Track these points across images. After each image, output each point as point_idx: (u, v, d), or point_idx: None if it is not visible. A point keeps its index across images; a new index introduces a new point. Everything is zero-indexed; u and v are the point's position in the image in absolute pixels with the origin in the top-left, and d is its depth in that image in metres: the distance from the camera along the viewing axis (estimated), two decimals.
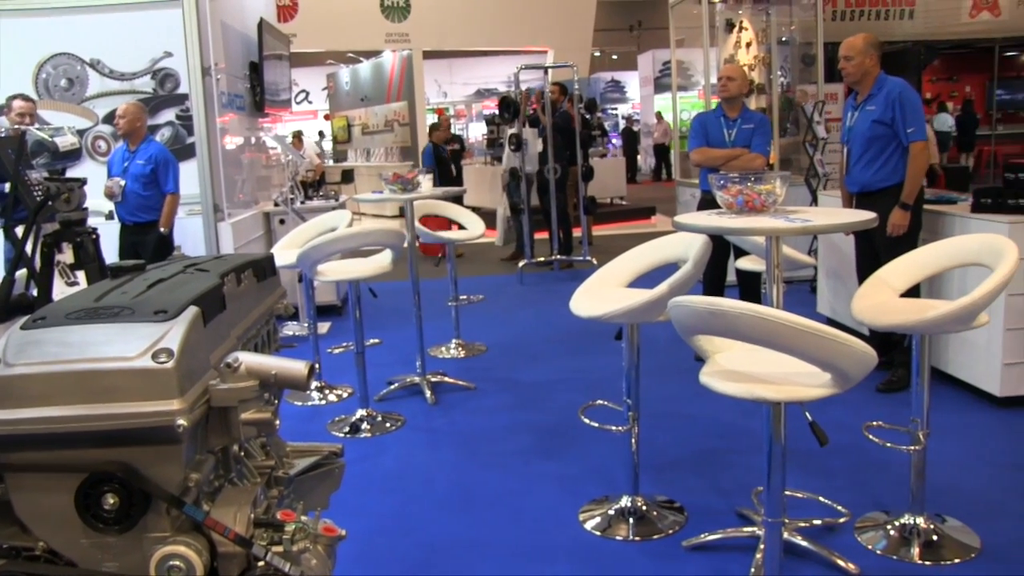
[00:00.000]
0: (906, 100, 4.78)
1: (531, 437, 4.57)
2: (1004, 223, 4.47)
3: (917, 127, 4.75)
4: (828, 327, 2.26)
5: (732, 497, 3.70)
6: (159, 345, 1.47)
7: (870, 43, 4.91)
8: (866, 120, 4.89)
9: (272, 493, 1.91)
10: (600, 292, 3.44)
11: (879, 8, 12.94)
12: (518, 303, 8.16)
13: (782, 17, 9.70)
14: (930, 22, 13.10)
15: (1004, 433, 4.39)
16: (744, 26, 9.94)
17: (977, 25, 13.24)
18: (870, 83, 4.92)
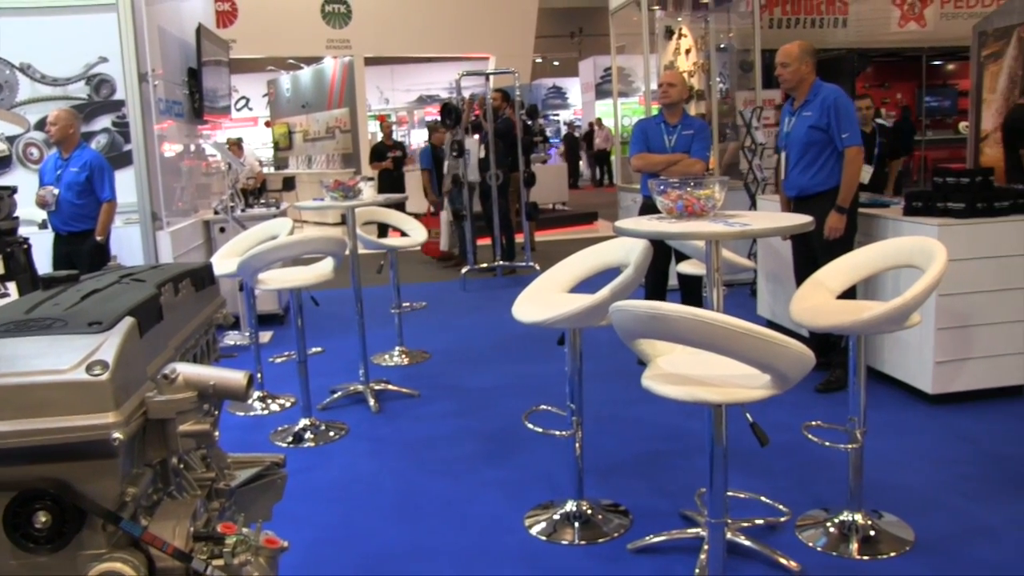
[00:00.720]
0: (841, 106, 4.86)
1: (476, 443, 4.57)
2: (934, 226, 4.59)
3: (851, 133, 4.83)
4: (767, 329, 2.29)
5: (676, 499, 3.73)
6: (93, 357, 1.44)
7: (806, 50, 4.98)
8: (803, 126, 4.96)
9: (213, 506, 1.87)
10: (542, 297, 3.45)
11: (814, 16, 13.22)
12: (461, 309, 8.15)
13: (720, 24, 9.84)
14: (862, 31, 13.43)
15: (936, 429, 4.50)
16: (683, 33, 10.07)
17: (905, 35, 13.61)
18: (806, 89, 4.99)
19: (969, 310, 4.69)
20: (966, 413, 4.68)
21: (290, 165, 20.37)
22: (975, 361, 4.76)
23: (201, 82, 7.73)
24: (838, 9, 13.33)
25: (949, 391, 4.77)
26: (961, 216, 4.64)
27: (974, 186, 4.74)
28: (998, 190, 4.89)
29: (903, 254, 3.43)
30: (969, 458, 4.13)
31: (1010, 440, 4.33)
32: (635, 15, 8.75)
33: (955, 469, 4.00)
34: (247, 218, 7.19)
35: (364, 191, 5.33)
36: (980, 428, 4.48)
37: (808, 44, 5.07)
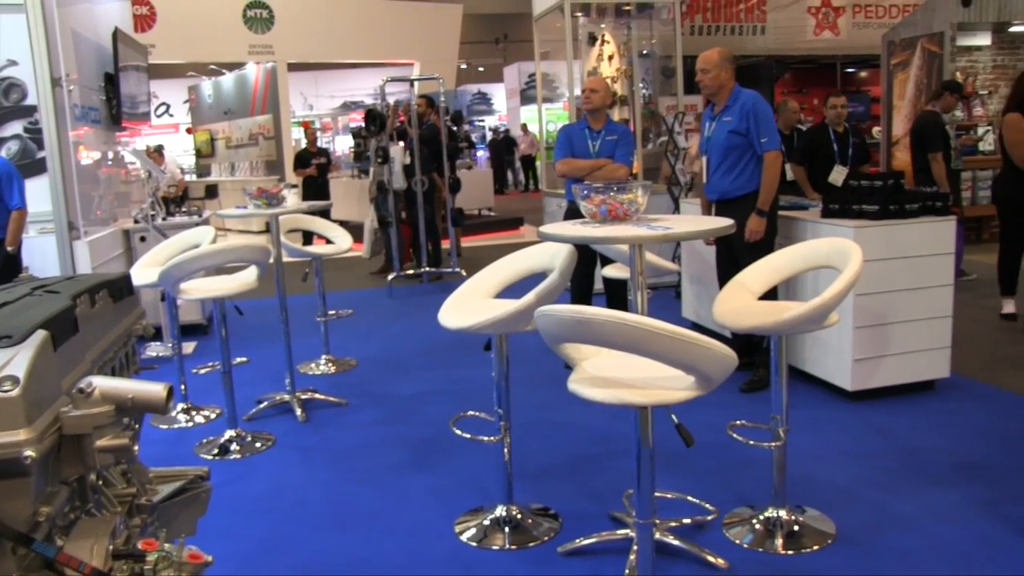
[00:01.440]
0: (759, 112, 4.97)
1: (404, 451, 4.54)
2: (850, 227, 4.72)
3: (770, 137, 4.95)
4: (690, 331, 2.33)
5: (605, 501, 3.77)
6: (3, 372, 1.39)
7: (725, 57, 5.07)
8: (723, 131, 5.06)
9: (134, 522, 1.83)
10: (468, 303, 3.45)
11: (734, 24, 13.51)
12: (388, 316, 8.10)
13: (643, 31, 9.98)
14: (779, 38, 13.78)
15: (856, 425, 4.62)
16: (606, 39, 10.18)
17: (820, 43, 14.01)
18: (726, 95, 5.09)
19: (884, 309, 4.83)
20: (883, 408, 4.82)
21: (213, 172, 20.00)
22: (891, 358, 4.91)
23: (119, 87, 7.54)
24: (757, 17, 13.65)
25: (867, 388, 4.91)
26: (875, 218, 4.79)
27: (887, 189, 4.89)
28: (909, 193, 5.05)
29: (821, 255, 3.52)
30: (886, 452, 4.26)
31: (923, 433, 4.47)
32: (559, 21, 8.81)
33: (873, 463, 4.12)
34: (168, 227, 7.04)
35: (288, 199, 5.27)
36: (896, 422, 4.62)
37: (728, 51, 5.15)
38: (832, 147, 7.09)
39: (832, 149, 7.08)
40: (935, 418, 4.70)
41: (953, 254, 5.03)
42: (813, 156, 7.14)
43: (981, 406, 4.90)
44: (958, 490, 3.77)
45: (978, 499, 3.67)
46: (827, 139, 7.12)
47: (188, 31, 14.91)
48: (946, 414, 4.76)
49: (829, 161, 7.05)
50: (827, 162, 7.05)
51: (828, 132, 7.13)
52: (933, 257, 4.90)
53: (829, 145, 7.08)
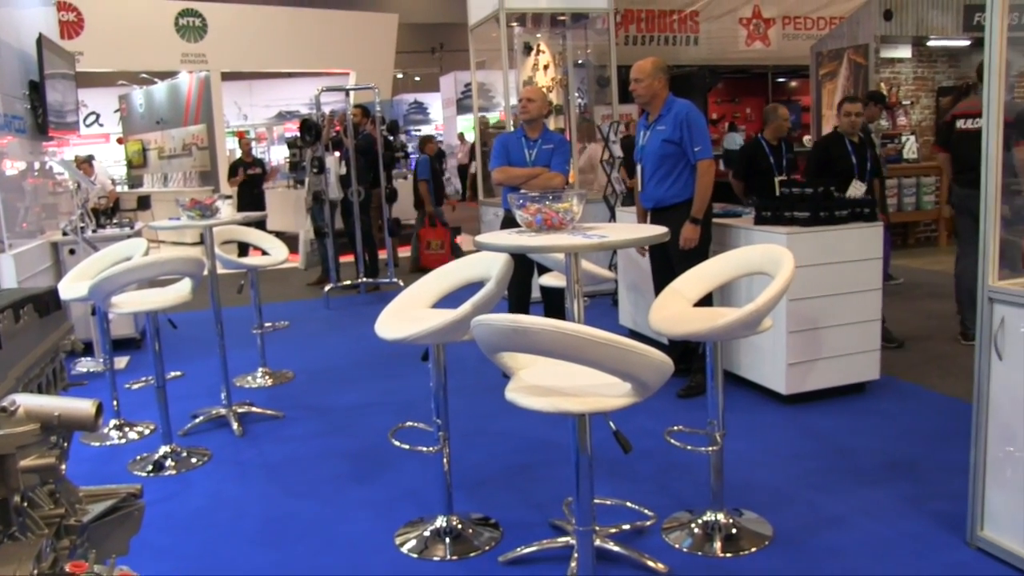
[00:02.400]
0: (693, 121, 5.02)
1: (343, 463, 4.50)
2: (782, 234, 4.81)
3: (703, 146, 5.01)
4: (626, 339, 2.35)
5: (545, 509, 3.77)
6: None
7: (659, 67, 5.11)
8: (657, 139, 5.10)
9: (62, 544, 1.78)
10: (405, 314, 3.44)
11: (667, 34, 13.71)
12: (325, 328, 8.03)
13: (578, 41, 10.06)
14: (712, 49, 14.03)
15: (790, 428, 4.70)
16: (542, 49, 10.25)
17: (752, 53, 14.30)
18: (660, 104, 5.13)
19: (816, 313, 4.93)
20: (816, 411, 4.92)
21: (145, 183, 19.60)
22: (823, 361, 5.01)
23: (44, 96, 7.36)
24: (690, 28, 13.87)
25: (801, 391, 5.00)
26: (806, 225, 4.88)
27: (817, 196, 5.00)
28: (839, 200, 5.17)
29: (754, 262, 3.58)
30: (819, 453, 4.34)
31: (855, 434, 4.57)
32: (494, 31, 8.84)
33: (807, 464, 4.20)
34: (99, 239, 6.88)
35: (222, 210, 5.19)
36: (829, 424, 4.72)
37: (661, 60, 5.19)
38: (850, 159, 6.39)
39: (850, 162, 6.37)
40: (866, 419, 4.80)
41: (881, 259, 5.16)
42: (828, 169, 6.35)
43: (909, 406, 5.02)
44: (888, 488, 3.87)
45: (906, 496, 3.77)
46: (843, 150, 6.45)
47: (118, 39, 14.60)
48: (876, 415, 4.87)
49: (847, 175, 6.23)
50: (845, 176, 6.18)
51: (844, 143, 6.46)
52: (862, 262, 5.01)
53: (847, 157, 6.39)
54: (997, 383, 3.14)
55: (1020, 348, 3.04)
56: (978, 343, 3.17)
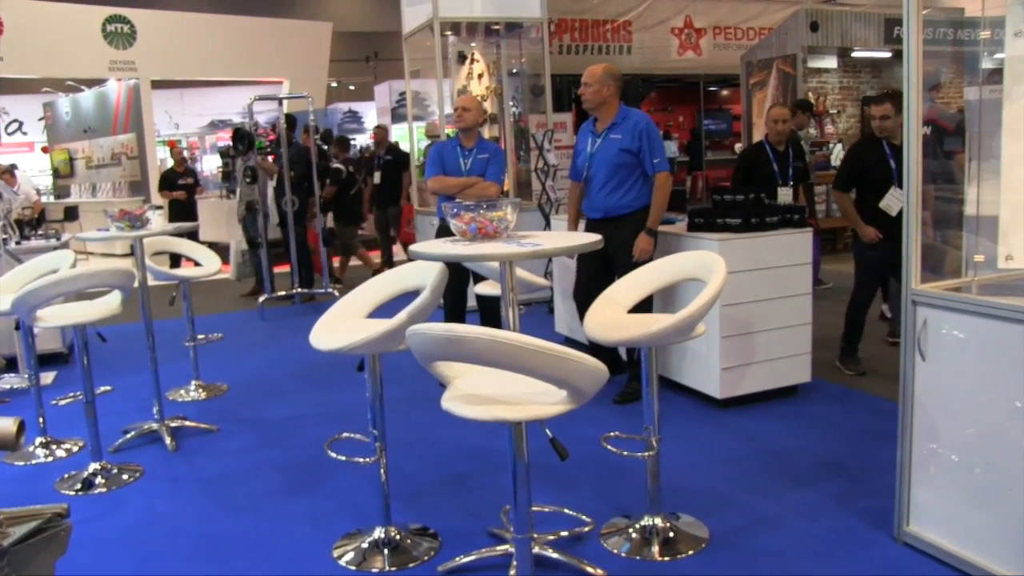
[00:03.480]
0: (652, 133, 5.01)
1: (279, 476, 4.44)
2: (715, 240, 4.88)
3: (661, 158, 5.01)
4: (560, 346, 2.36)
5: (483, 518, 3.77)
6: None
7: (610, 73, 5.06)
8: (612, 148, 5.03)
9: None
10: (340, 324, 3.41)
11: (601, 43, 13.83)
12: (259, 339, 7.92)
13: (512, 50, 10.10)
14: (645, 58, 14.19)
15: (725, 431, 4.77)
16: (476, 58, 10.27)
17: (684, 62, 14.51)
18: (609, 111, 5.08)
19: (749, 318, 5.01)
20: (750, 414, 5.00)
21: (72, 194, 19.13)
22: (756, 365, 5.09)
23: None
24: (623, 37, 14.01)
25: (735, 395, 5.07)
26: (738, 231, 4.96)
27: (748, 203, 5.08)
28: (769, 207, 5.26)
29: (687, 268, 3.63)
30: (754, 456, 4.41)
31: (788, 436, 4.66)
32: (428, 40, 8.84)
33: (742, 467, 4.26)
34: (23, 251, 6.70)
35: (153, 220, 5.09)
36: (762, 427, 4.80)
37: (613, 68, 5.14)
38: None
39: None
40: (798, 421, 4.90)
41: (811, 264, 5.26)
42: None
43: (840, 408, 5.13)
44: (820, 488, 3.95)
45: (838, 495, 3.85)
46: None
47: (41, 44, 14.22)
48: (808, 417, 4.97)
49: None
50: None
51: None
52: (792, 267, 5.11)
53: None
54: (921, 383, 3.22)
55: (942, 349, 3.13)
56: (903, 345, 3.26)
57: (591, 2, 13.77)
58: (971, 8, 3.23)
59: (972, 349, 3.01)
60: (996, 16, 2.89)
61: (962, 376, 3.06)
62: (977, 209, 3.23)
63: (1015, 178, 2.89)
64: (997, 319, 2.90)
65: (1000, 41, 2.86)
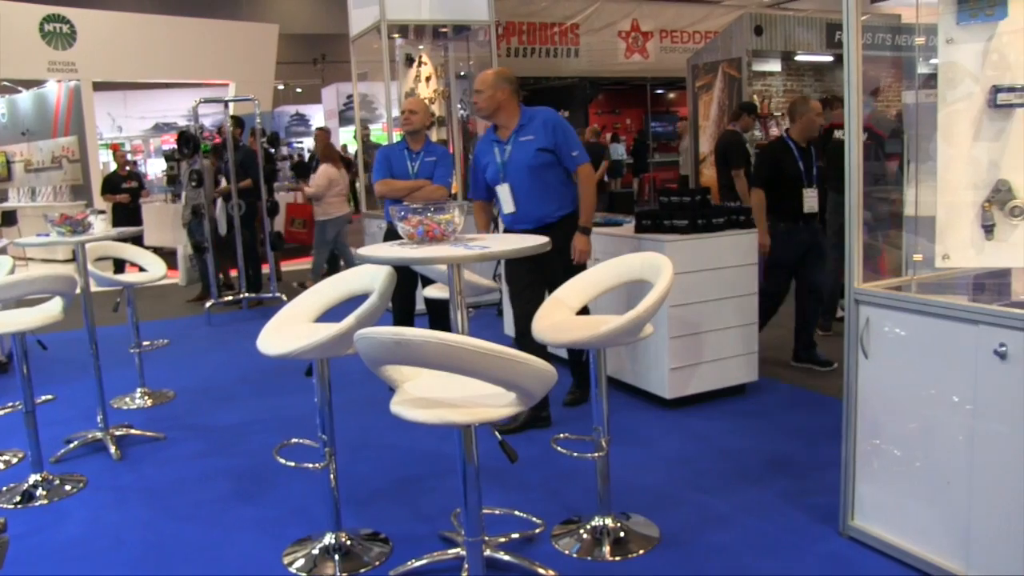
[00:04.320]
0: (564, 126, 4.80)
1: (227, 483, 4.39)
2: (662, 242, 4.92)
3: (580, 151, 4.80)
4: (508, 349, 2.37)
5: (434, 522, 3.76)
6: None
7: (502, 76, 4.80)
8: (527, 151, 4.75)
9: None
10: (288, 329, 3.38)
11: (549, 47, 13.90)
12: (207, 345, 7.82)
13: (460, 52, 10.09)
14: (593, 61, 14.31)
15: (674, 431, 4.82)
16: (424, 61, 10.24)
17: (631, 65, 14.65)
18: (510, 116, 4.79)
19: (697, 318, 5.07)
20: (699, 413, 5.05)
21: (10, 198, 18.67)
22: (705, 365, 5.15)
23: None
24: (571, 40, 14.10)
25: (684, 395, 5.12)
26: (685, 232, 5.01)
27: (695, 205, 5.14)
28: (715, 208, 5.32)
29: (635, 270, 3.65)
30: (703, 455, 4.46)
31: (736, 435, 4.72)
32: (376, 42, 8.79)
33: (691, 466, 4.31)
34: None
35: (95, 225, 5.00)
36: (711, 426, 4.85)
37: (506, 71, 4.93)
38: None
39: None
40: (746, 420, 4.96)
41: (757, 264, 5.34)
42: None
43: (786, 405, 5.21)
44: (768, 486, 4.00)
45: (785, 492, 3.91)
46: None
47: None
48: (756, 416, 5.04)
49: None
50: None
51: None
52: (739, 268, 5.18)
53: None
54: (864, 380, 3.29)
55: (884, 347, 3.19)
56: (846, 343, 3.32)
57: (539, 5, 13.84)
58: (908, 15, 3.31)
59: (913, 346, 3.08)
60: (930, 23, 2.96)
61: (903, 373, 3.13)
62: (916, 210, 3.30)
63: (951, 180, 2.95)
64: (935, 317, 2.96)
65: (935, 47, 2.92)
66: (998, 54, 2.80)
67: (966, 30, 2.83)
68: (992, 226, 2.84)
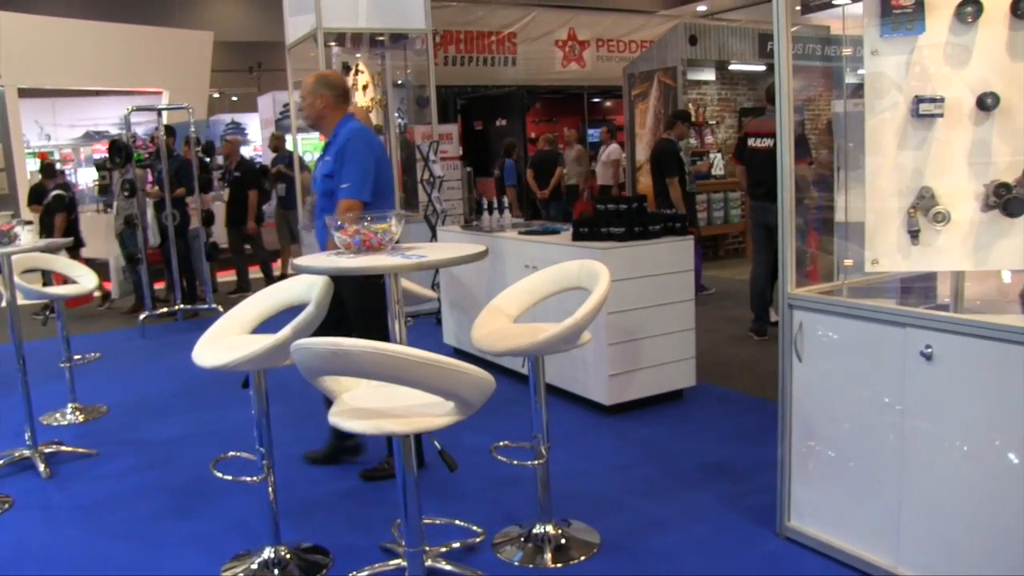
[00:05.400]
0: (348, 151, 4.13)
1: (163, 499, 4.30)
2: (599, 249, 4.96)
3: (352, 183, 4.10)
4: (446, 358, 2.36)
5: (375, 533, 3.74)
6: None
7: (323, 82, 4.25)
8: (319, 172, 4.32)
9: None
10: (224, 340, 3.34)
11: (486, 55, 13.94)
12: (141, 358, 7.65)
13: (397, 61, 10.07)
14: (530, 70, 14.39)
15: (614, 437, 4.85)
16: (361, 69, 10.19)
17: (568, 74, 14.76)
18: (328, 128, 4.31)
19: (634, 325, 5.11)
20: (638, 419, 5.10)
21: None
22: (643, 371, 5.19)
23: None
24: (508, 49, 14.16)
25: (622, 401, 5.16)
26: (622, 240, 5.06)
27: (631, 212, 5.19)
28: (652, 215, 5.39)
29: (572, 277, 3.68)
30: (642, 460, 4.50)
31: (674, 440, 4.77)
32: (312, 51, 8.72)
33: (630, 472, 4.34)
34: None
35: (22, 236, 4.87)
36: (649, 432, 4.90)
37: (330, 75, 4.46)
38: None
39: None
40: (684, 424, 5.02)
41: (693, 271, 5.41)
42: None
43: (723, 410, 5.29)
44: (706, 489, 4.05)
45: (723, 495, 3.96)
46: None
47: None
48: (694, 420, 5.10)
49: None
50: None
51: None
52: (675, 274, 5.24)
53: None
54: (798, 383, 3.35)
55: (817, 350, 3.26)
56: (780, 346, 3.38)
57: (476, 14, 13.88)
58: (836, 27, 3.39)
59: (844, 349, 3.15)
60: (857, 35, 3.04)
61: (836, 375, 3.20)
62: (846, 216, 3.37)
63: (879, 187, 3.03)
64: (865, 320, 3.04)
65: (862, 58, 3.00)
66: (920, 66, 2.88)
67: (889, 43, 2.91)
68: (917, 231, 2.91)
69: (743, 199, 11.74)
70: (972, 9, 2.75)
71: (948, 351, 2.77)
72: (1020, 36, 2.75)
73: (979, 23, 2.78)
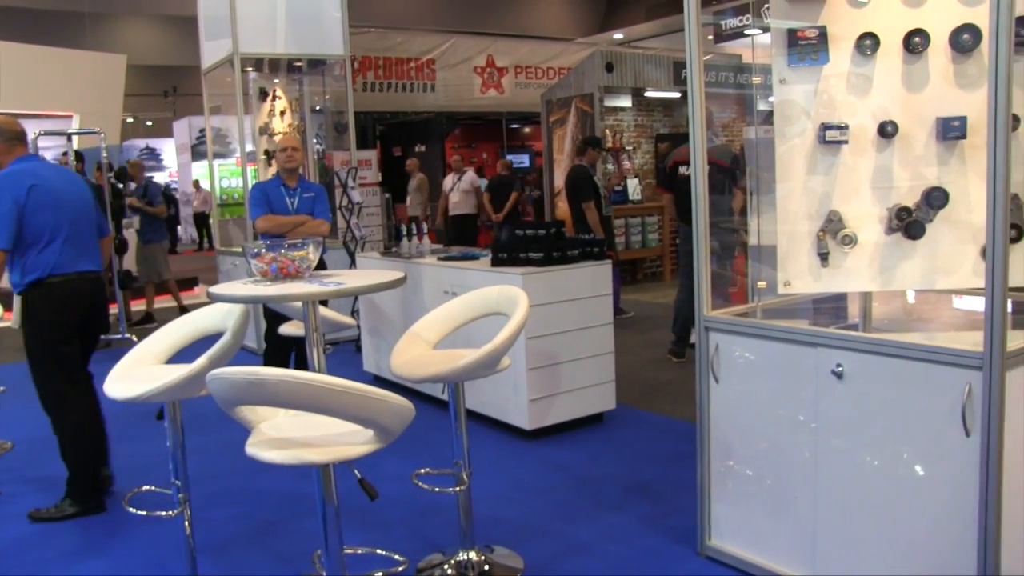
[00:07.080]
0: None
1: (74, 538, 4.15)
2: (518, 275, 4.98)
3: None
4: (364, 385, 2.34)
5: (295, 564, 3.68)
6: None
7: None
8: None
9: None
10: (137, 371, 3.25)
11: (405, 81, 13.96)
12: None
13: (315, 87, 10.01)
14: (449, 96, 14.45)
15: (535, 462, 4.86)
16: (278, 95, 10.11)
17: (486, 100, 14.87)
18: None
19: (554, 349, 5.14)
20: (559, 443, 5.12)
21: None
22: (563, 395, 5.22)
23: None
24: (427, 75, 14.21)
25: (543, 425, 5.18)
26: (540, 265, 5.09)
27: (549, 237, 5.23)
28: (570, 240, 5.44)
29: (491, 303, 3.68)
30: (564, 484, 4.52)
31: (595, 463, 4.80)
32: (229, 75, 8.61)
33: (553, 496, 4.35)
34: None
35: None
36: (571, 456, 4.92)
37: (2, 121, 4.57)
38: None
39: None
40: (605, 447, 5.06)
41: (611, 295, 5.47)
42: None
43: (644, 432, 5.34)
44: (628, 511, 4.09)
45: (645, 517, 4.00)
46: None
47: None
48: (614, 443, 5.14)
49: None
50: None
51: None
52: (594, 298, 5.29)
53: None
54: (716, 404, 3.42)
55: (733, 371, 3.33)
56: (698, 368, 3.44)
57: (394, 40, 13.89)
58: (748, 56, 3.50)
59: (759, 370, 3.23)
60: (766, 64, 3.14)
61: (752, 395, 3.27)
62: (759, 239, 3.46)
63: (790, 210, 3.12)
64: (779, 341, 3.12)
65: (772, 86, 3.10)
66: (826, 94, 3.00)
67: (796, 72, 3.02)
68: (827, 254, 3.01)
69: (660, 223, 11.97)
70: (870, 42, 2.89)
71: (858, 369, 2.86)
72: (914, 68, 2.89)
73: (877, 55, 2.90)
